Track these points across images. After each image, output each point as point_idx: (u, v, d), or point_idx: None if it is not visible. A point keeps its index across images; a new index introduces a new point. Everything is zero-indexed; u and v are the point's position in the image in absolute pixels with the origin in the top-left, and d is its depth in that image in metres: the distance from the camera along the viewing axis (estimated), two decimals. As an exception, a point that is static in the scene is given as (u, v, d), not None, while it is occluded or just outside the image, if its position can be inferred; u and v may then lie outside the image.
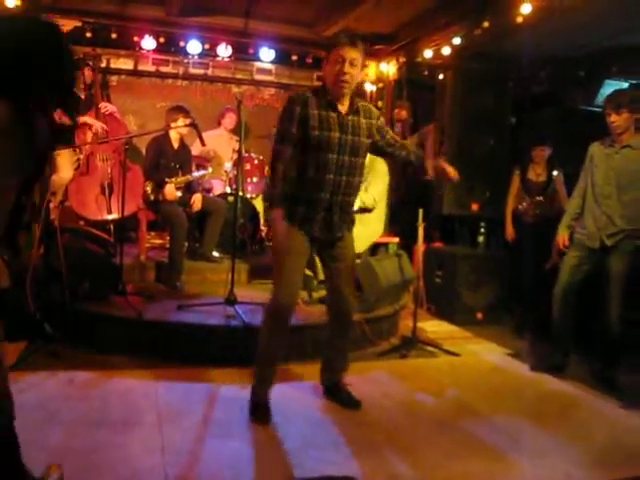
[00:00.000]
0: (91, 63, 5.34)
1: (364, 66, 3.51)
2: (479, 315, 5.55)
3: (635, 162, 3.73)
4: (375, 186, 4.74)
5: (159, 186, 4.96)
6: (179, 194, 5.06)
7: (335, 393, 3.36)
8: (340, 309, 3.27)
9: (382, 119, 3.16)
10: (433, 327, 5.20)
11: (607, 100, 3.87)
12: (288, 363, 3.75)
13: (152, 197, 4.97)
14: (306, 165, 2.94)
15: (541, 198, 5.15)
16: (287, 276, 3.01)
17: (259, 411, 3.04)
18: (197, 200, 5.17)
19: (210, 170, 5.60)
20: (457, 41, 5.38)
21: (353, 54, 2.87)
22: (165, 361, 3.74)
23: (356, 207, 3.57)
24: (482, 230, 5.76)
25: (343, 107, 2.97)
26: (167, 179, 4.99)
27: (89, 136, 5.12)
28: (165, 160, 5.10)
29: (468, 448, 2.89)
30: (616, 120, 3.72)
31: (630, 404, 3.53)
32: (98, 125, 5.06)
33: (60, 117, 5.12)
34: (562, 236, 4.08)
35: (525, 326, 5.17)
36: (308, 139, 2.91)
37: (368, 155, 4.76)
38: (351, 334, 3.49)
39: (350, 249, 3.23)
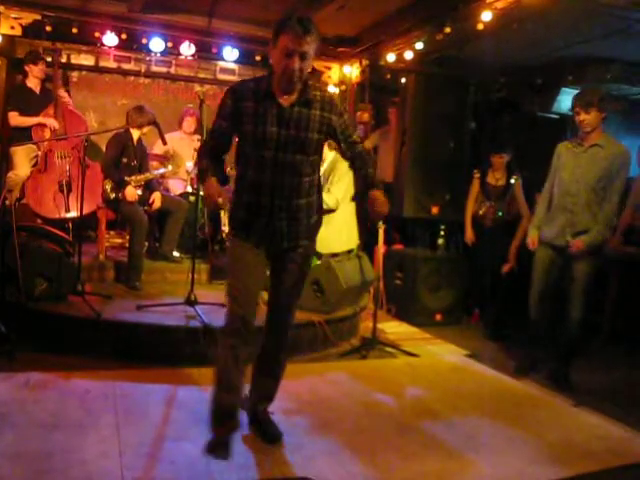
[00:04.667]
0: (50, 58, 5.23)
1: (319, 55, 3.06)
2: (438, 316, 5.64)
3: (603, 160, 3.72)
4: (337, 186, 4.71)
5: (119, 184, 4.88)
6: (139, 192, 4.99)
7: (254, 421, 2.92)
8: (274, 326, 2.83)
9: (346, 116, 2.67)
10: (393, 328, 5.25)
11: (576, 98, 3.82)
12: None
13: (112, 196, 4.90)
14: (244, 165, 2.63)
15: (500, 202, 5.25)
16: (234, 288, 2.66)
17: (217, 446, 2.57)
18: (157, 198, 5.10)
19: (170, 168, 5.55)
20: (419, 46, 5.44)
21: (304, 46, 2.39)
22: (123, 362, 3.69)
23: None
24: (442, 233, 5.84)
25: (289, 97, 2.53)
26: (127, 178, 4.92)
27: (47, 132, 5.02)
28: (127, 158, 5.02)
29: (426, 448, 2.94)
30: (585, 119, 3.71)
31: (582, 402, 3.64)
32: (50, 123, 4.97)
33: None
34: (532, 237, 4.05)
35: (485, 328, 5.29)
36: (242, 135, 2.58)
37: (333, 153, 4.51)
38: (284, 359, 2.90)
39: (304, 263, 2.77)
